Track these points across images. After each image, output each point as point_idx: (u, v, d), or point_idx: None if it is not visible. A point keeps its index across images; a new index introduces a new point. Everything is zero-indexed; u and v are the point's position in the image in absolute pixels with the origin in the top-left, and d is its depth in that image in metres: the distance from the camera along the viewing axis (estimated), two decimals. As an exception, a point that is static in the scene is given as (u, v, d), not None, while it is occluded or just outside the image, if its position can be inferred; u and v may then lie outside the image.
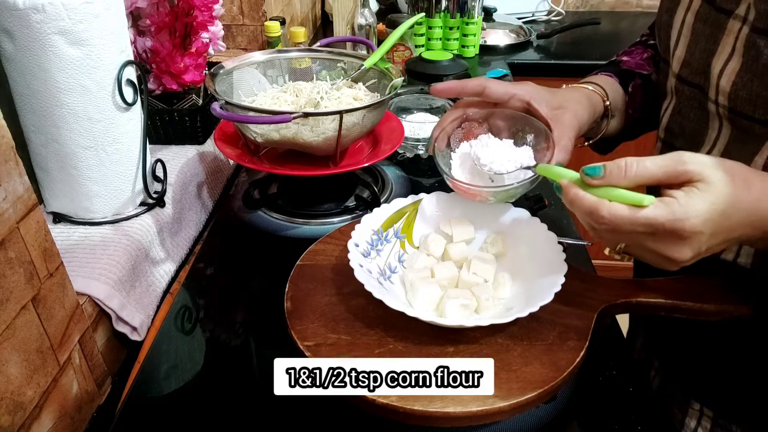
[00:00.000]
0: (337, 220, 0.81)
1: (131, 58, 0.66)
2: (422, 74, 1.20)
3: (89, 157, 0.65)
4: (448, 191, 0.67)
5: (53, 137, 0.63)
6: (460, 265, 0.61)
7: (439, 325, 0.53)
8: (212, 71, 0.80)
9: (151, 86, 0.85)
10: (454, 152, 0.63)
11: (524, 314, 0.50)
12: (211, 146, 0.92)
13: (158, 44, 0.82)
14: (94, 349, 0.59)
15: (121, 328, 0.64)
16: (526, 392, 0.48)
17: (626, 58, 0.74)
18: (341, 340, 0.53)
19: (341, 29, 1.38)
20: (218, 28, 0.93)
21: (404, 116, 1.01)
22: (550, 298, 0.51)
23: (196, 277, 0.73)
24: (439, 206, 0.66)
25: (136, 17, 0.83)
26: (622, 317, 0.64)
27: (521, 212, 0.64)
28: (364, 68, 0.85)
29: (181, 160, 0.84)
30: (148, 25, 0.82)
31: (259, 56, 0.87)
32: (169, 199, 0.76)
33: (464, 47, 1.57)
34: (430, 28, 1.52)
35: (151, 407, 0.57)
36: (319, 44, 0.91)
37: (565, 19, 1.93)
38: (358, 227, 0.61)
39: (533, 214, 0.63)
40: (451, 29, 1.54)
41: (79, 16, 0.58)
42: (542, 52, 1.70)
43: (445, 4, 1.49)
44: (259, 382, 0.58)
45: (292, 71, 0.90)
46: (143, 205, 0.73)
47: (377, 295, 0.51)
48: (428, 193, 0.67)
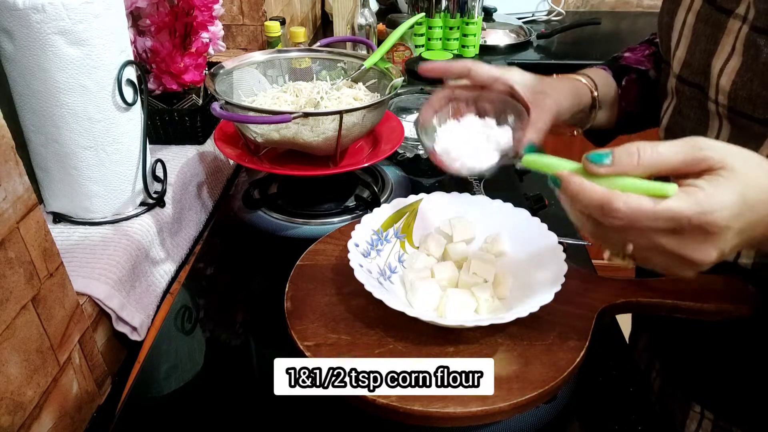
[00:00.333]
0: (337, 220, 0.81)
1: (131, 58, 0.66)
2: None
3: (89, 157, 0.65)
4: (448, 191, 0.67)
5: (53, 137, 0.63)
6: (460, 265, 0.61)
7: (439, 325, 0.53)
8: (212, 71, 0.80)
9: (151, 86, 0.85)
10: (439, 128, 0.64)
11: (524, 314, 0.50)
12: (211, 146, 0.91)
13: (158, 44, 0.82)
14: (94, 349, 0.59)
15: (121, 328, 0.64)
16: (526, 392, 0.48)
17: (628, 54, 0.75)
18: (341, 340, 0.53)
19: (341, 29, 1.38)
20: (218, 28, 0.93)
21: (404, 116, 1.01)
22: (550, 298, 0.51)
23: (196, 277, 0.73)
24: (439, 206, 0.66)
25: (136, 17, 0.83)
26: (624, 318, 0.64)
27: (521, 212, 0.64)
28: (364, 68, 0.85)
29: (181, 160, 0.84)
30: (148, 25, 0.82)
31: (259, 56, 0.87)
32: (169, 199, 0.76)
33: (464, 47, 1.57)
34: (430, 28, 1.52)
35: (151, 407, 0.57)
36: (319, 44, 0.91)
37: (565, 19, 1.93)
38: (358, 227, 0.61)
39: (533, 214, 0.63)
40: (451, 29, 1.54)
41: (79, 16, 0.58)
42: (542, 52, 1.70)
43: (445, 4, 1.49)
44: (259, 382, 0.58)
45: (292, 71, 0.90)
46: (143, 205, 0.73)
47: (377, 295, 0.51)
48: (428, 193, 0.67)
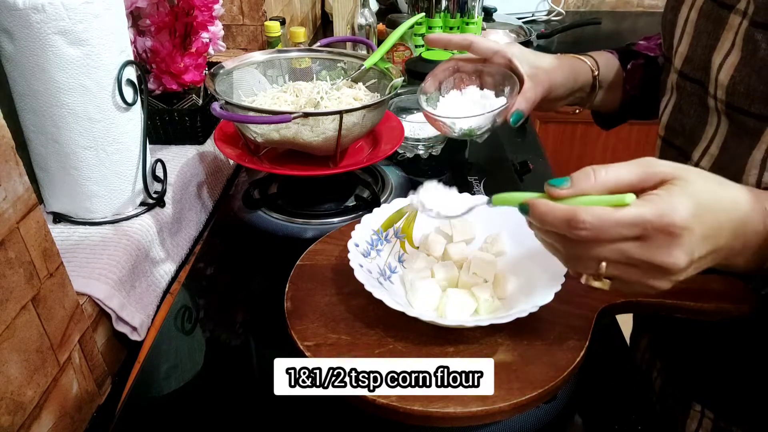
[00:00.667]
0: (337, 220, 0.81)
1: (131, 58, 0.66)
2: (422, 74, 1.17)
3: (89, 157, 0.65)
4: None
5: (53, 137, 0.63)
6: (460, 265, 0.61)
7: (439, 325, 0.53)
8: (212, 71, 0.80)
9: (151, 86, 0.85)
10: (443, 96, 0.70)
11: (524, 314, 0.50)
12: (211, 146, 0.91)
13: (158, 44, 0.82)
14: (94, 349, 0.59)
15: (121, 328, 0.64)
16: (526, 392, 0.48)
17: (642, 42, 0.76)
18: (341, 340, 0.53)
19: (341, 29, 1.38)
20: (218, 28, 0.93)
21: (404, 116, 1.01)
22: (550, 298, 0.51)
23: (196, 277, 0.73)
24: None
25: (136, 17, 0.83)
26: (624, 318, 0.64)
27: (521, 212, 0.64)
28: (364, 68, 0.85)
29: (181, 160, 0.84)
30: (148, 25, 0.82)
31: (259, 56, 0.87)
32: (169, 199, 0.76)
33: (464, 47, 1.57)
34: (430, 28, 1.52)
35: (151, 407, 0.57)
36: (319, 44, 0.91)
37: (565, 19, 1.93)
38: (358, 227, 0.61)
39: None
40: (451, 29, 1.53)
41: (79, 16, 0.58)
42: (542, 52, 1.69)
43: (445, 4, 1.49)
44: (259, 382, 0.58)
45: (292, 71, 0.90)
46: (143, 205, 0.73)
47: (377, 295, 0.51)
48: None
